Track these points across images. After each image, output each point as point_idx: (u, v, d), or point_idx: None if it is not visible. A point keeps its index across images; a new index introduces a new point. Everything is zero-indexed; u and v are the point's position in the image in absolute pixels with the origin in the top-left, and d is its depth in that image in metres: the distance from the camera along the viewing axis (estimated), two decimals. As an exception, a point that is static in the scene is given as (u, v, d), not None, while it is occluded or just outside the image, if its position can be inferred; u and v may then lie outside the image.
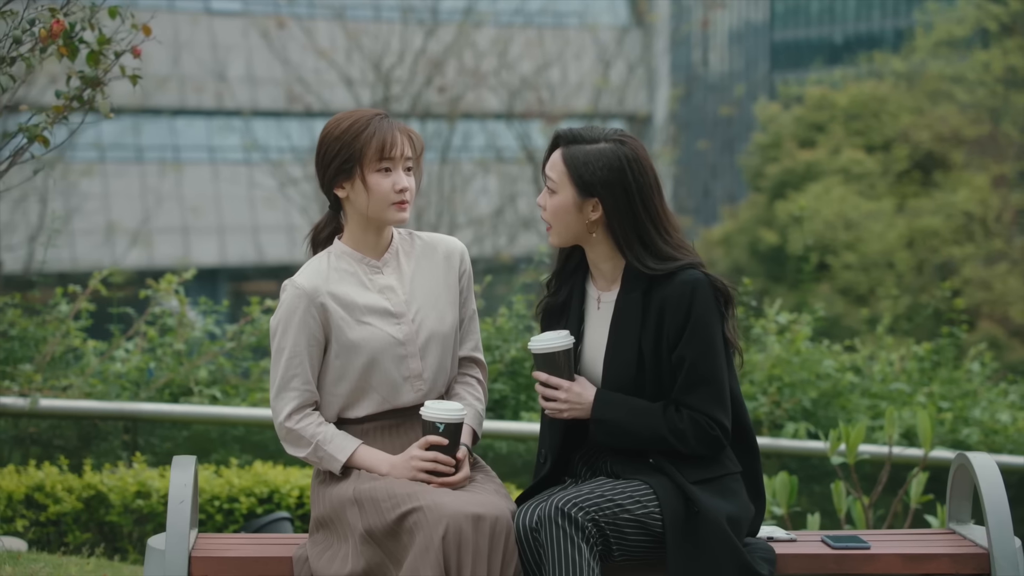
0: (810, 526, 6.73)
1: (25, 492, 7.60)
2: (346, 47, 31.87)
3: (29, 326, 8.49)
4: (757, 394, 8.91)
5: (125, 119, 34.44)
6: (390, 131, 4.46)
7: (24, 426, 8.25)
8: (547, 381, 4.34)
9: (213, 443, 8.32)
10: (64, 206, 31.68)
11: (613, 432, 4.30)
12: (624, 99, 34.87)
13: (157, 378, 8.49)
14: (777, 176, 29.74)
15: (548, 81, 34.02)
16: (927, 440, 6.57)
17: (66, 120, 6.30)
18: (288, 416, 4.48)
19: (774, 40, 48.71)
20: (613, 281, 4.40)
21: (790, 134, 30.31)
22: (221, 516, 7.64)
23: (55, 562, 6.44)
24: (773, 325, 9.37)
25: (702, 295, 4.25)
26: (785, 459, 8.80)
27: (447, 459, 4.37)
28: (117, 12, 6.25)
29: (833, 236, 26.48)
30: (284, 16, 33.66)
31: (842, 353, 9.45)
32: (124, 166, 34.54)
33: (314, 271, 4.53)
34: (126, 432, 8.28)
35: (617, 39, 35.26)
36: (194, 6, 34.94)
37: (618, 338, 4.34)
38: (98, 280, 8.67)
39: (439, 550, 4.09)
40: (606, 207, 4.29)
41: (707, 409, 4.27)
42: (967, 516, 4.88)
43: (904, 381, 9.41)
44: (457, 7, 32.81)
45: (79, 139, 33.70)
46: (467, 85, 31.98)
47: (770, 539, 4.68)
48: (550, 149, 4.42)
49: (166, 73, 34.01)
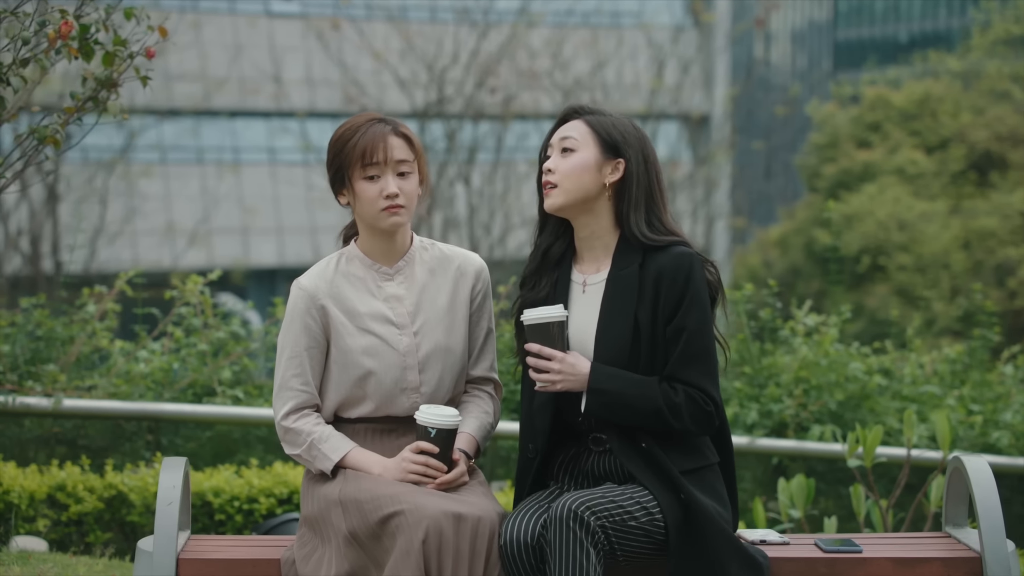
0: (827, 529, 6.70)
1: (47, 492, 7.64)
2: (400, 48, 31.92)
3: (56, 326, 8.54)
4: (783, 396, 8.85)
5: (186, 121, 34.67)
6: (374, 137, 4.45)
7: (49, 426, 8.30)
8: (540, 352, 4.33)
9: (236, 444, 8.34)
10: (125, 207, 31.91)
11: (609, 403, 4.30)
12: (679, 99, 34.74)
13: (181, 378, 8.51)
14: (834, 176, 29.52)
15: (602, 81, 33.94)
16: (946, 443, 6.52)
17: (80, 122, 6.32)
18: (285, 415, 4.50)
19: (837, 39, 48.40)
20: (603, 260, 4.44)
21: (848, 134, 30.09)
22: (241, 517, 7.66)
23: (64, 562, 6.46)
24: (801, 327, 9.29)
25: (699, 269, 4.33)
26: (811, 461, 8.74)
27: (438, 464, 4.36)
28: (133, 14, 6.26)
29: (886, 237, 26.26)
30: (339, 18, 33.76)
31: (870, 355, 9.36)
32: (184, 167, 34.74)
33: (319, 272, 4.54)
34: (150, 432, 8.32)
35: (672, 39, 35.14)
36: (254, 8, 35.10)
37: (612, 313, 4.36)
38: (123, 281, 8.70)
39: (419, 553, 4.08)
40: (629, 168, 4.40)
41: (702, 384, 4.31)
42: (964, 520, 4.83)
43: (935, 383, 9.31)
44: (511, 7, 32.80)
45: (139, 141, 33.90)
46: (520, 86, 31.95)
47: (763, 542, 4.66)
48: (561, 121, 4.50)
49: (224, 75, 34.20)
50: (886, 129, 28.95)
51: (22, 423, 8.32)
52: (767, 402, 8.83)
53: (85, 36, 6.05)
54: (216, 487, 7.67)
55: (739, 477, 8.96)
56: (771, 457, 8.76)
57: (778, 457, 8.75)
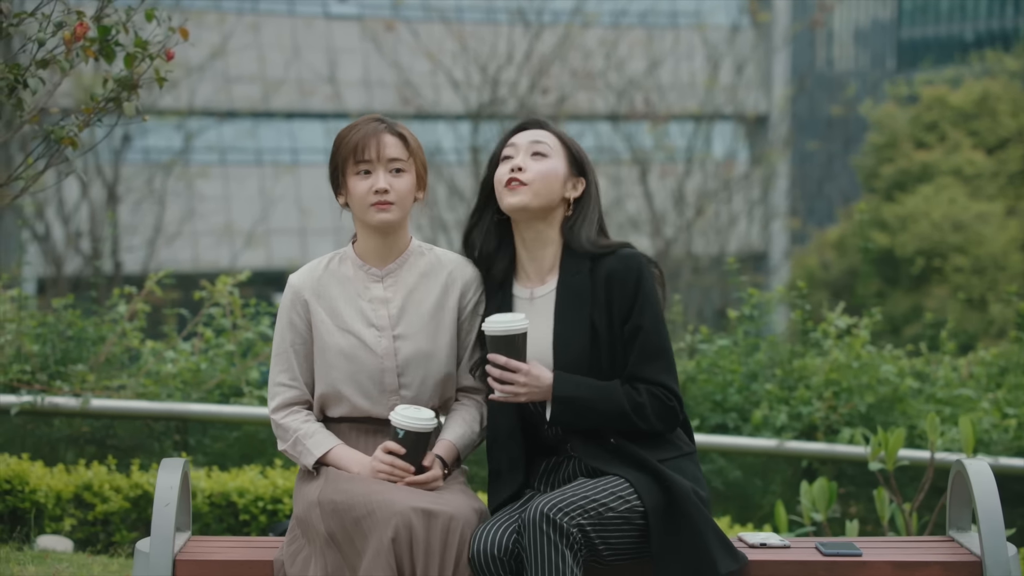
0: (848, 532, 6.65)
1: (73, 491, 7.68)
2: (454, 50, 31.97)
3: (87, 326, 8.59)
4: (812, 399, 8.78)
5: (244, 122, 34.86)
6: (367, 134, 4.50)
7: (77, 426, 8.36)
8: (507, 364, 4.29)
9: (263, 444, 8.36)
10: (183, 208, 32.11)
11: (575, 410, 4.29)
12: (735, 99, 34.61)
13: (209, 378, 8.54)
14: (891, 177, 29.34)
15: (657, 82, 33.85)
16: (969, 446, 6.49)
17: (100, 122, 6.33)
18: (275, 410, 4.56)
19: (901, 38, 48.05)
20: (549, 271, 4.46)
21: (906, 134, 29.89)
22: (265, 517, 7.67)
23: (80, 561, 6.50)
24: (832, 329, 9.22)
25: (647, 269, 4.38)
26: (841, 465, 8.68)
27: (404, 465, 4.34)
28: (153, 15, 6.27)
29: (941, 238, 26.08)
30: (393, 20, 33.85)
31: (902, 358, 9.27)
32: (243, 168, 34.93)
33: (309, 269, 4.60)
34: (177, 432, 8.36)
35: (728, 39, 35.00)
36: (312, 10, 35.24)
37: (566, 320, 4.37)
38: (154, 282, 8.74)
39: (390, 552, 4.08)
40: (588, 190, 4.48)
41: (662, 380, 4.34)
42: (967, 523, 4.78)
43: (971, 387, 9.21)
44: (565, 8, 32.78)
45: (199, 142, 34.06)
46: (574, 86, 31.93)
47: (763, 545, 4.63)
48: (521, 128, 4.54)
49: (281, 76, 34.35)
50: (943, 129, 28.75)
51: (51, 423, 8.38)
52: (797, 404, 8.77)
53: (106, 38, 6.06)
54: (241, 487, 7.69)
55: (767, 480, 8.90)
56: (800, 460, 8.70)
57: (807, 460, 8.69)
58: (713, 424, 8.86)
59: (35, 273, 29.90)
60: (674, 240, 31.25)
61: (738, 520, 8.61)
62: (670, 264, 29.45)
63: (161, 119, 31.24)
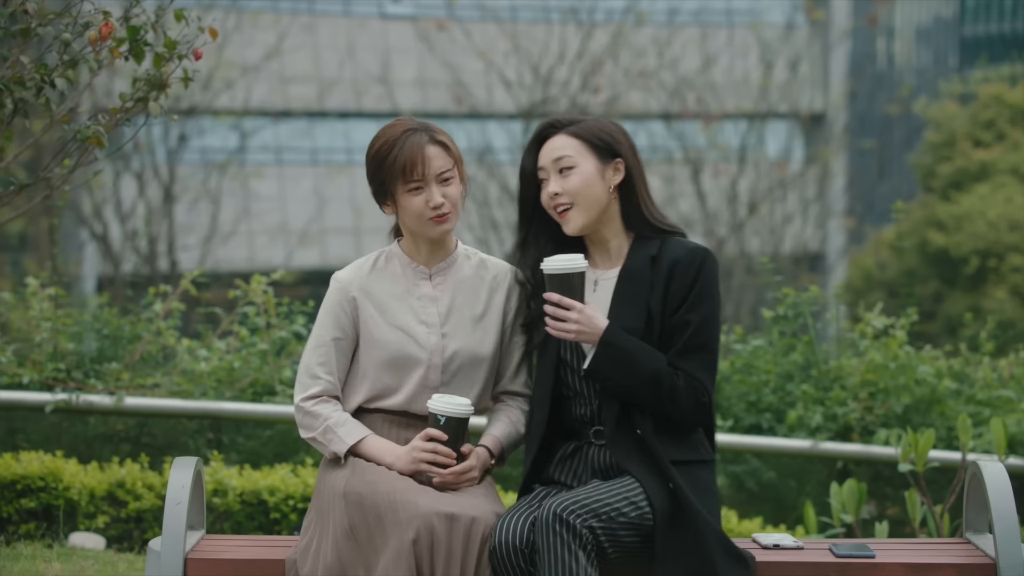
0: (878, 534, 6.62)
1: (107, 489, 7.72)
2: (506, 49, 31.97)
3: (123, 324, 8.63)
4: (848, 399, 8.72)
5: (300, 122, 34.99)
6: (412, 151, 4.44)
7: (112, 424, 8.40)
8: (560, 301, 4.31)
9: (296, 443, 8.37)
10: (239, 208, 32.26)
11: (617, 360, 4.28)
12: (790, 98, 34.45)
13: (243, 377, 8.56)
14: (949, 176, 29.13)
15: (710, 80, 33.75)
16: (1000, 447, 6.42)
17: (128, 122, 6.34)
18: (305, 398, 4.53)
19: (963, 35, 47.66)
20: (618, 257, 4.46)
21: (964, 132, 29.66)
22: (295, 515, 7.68)
23: (105, 559, 6.53)
24: (869, 330, 9.15)
25: (712, 265, 4.37)
26: (877, 466, 8.62)
27: (447, 451, 4.35)
28: (182, 15, 6.28)
29: (996, 238, 25.86)
30: (447, 20, 33.89)
31: (940, 359, 9.19)
32: (298, 168, 35.06)
33: (357, 266, 4.60)
34: (211, 431, 8.38)
35: (783, 37, 34.84)
36: (367, 10, 35.33)
37: (625, 303, 4.37)
38: (188, 280, 8.78)
39: (410, 553, 4.08)
40: (628, 164, 4.42)
41: (700, 375, 4.33)
42: (984, 526, 4.73)
43: (1013, 388, 9.12)
44: (617, 7, 32.72)
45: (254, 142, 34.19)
46: (627, 85, 31.86)
47: (776, 546, 4.60)
48: (538, 142, 4.50)
49: (336, 76, 34.45)
50: (1000, 127, 28.51)
51: (87, 420, 8.43)
52: (832, 405, 8.70)
53: (135, 38, 6.08)
54: (272, 486, 7.71)
55: (802, 481, 8.85)
56: (835, 461, 8.64)
57: (842, 461, 8.63)
58: (747, 424, 8.81)
59: (94, 271, 30.15)
60: (727, 239, 31.14)
61: (770, 521, 8.56)
62: (723, 263, 29.33)
63: (217, 119, 31.43)
